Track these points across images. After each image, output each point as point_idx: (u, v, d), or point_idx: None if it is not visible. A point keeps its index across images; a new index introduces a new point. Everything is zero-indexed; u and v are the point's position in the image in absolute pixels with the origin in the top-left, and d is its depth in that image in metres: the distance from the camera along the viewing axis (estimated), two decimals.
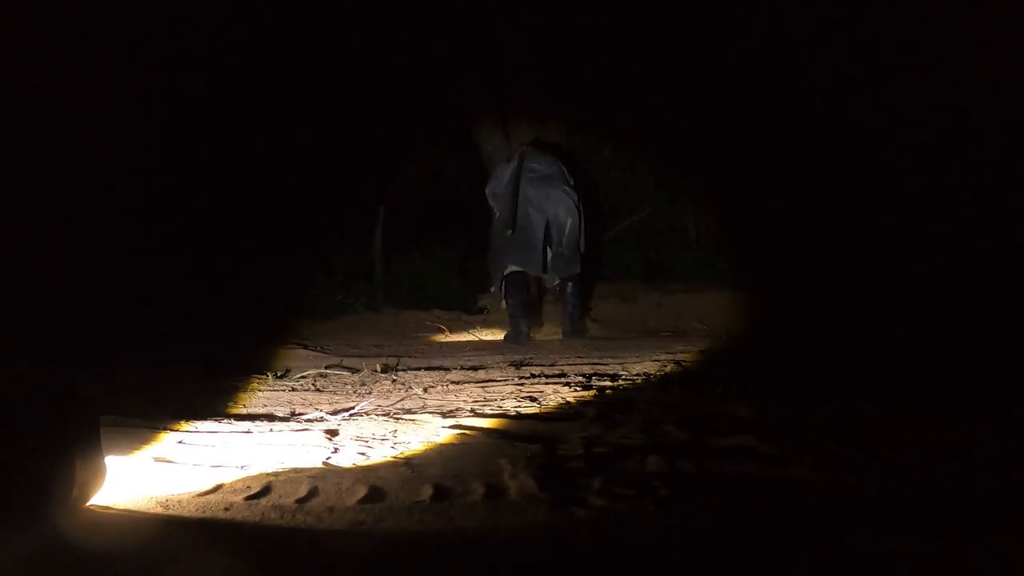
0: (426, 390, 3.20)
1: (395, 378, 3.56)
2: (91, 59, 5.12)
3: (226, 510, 1.65)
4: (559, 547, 1.47)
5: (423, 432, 2.37)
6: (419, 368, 3.87)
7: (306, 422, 2.59)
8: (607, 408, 2.66)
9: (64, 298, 4.71)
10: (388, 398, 3.06)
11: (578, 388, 3.10)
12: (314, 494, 1.75)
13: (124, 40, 5.37)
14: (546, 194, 5.26)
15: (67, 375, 3.41)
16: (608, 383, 3.23)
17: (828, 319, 4.60)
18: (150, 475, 1.90)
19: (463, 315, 6.48)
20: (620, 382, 3.27)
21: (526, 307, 5.32)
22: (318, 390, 3.34)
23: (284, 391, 3.30)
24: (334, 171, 7.11)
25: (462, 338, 5.76)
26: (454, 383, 3.35)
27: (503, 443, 2.19)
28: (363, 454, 2.12)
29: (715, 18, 5.96)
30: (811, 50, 5.32)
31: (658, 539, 1.48)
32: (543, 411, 2.69)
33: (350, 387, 3.39)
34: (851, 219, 5.24)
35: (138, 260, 5.41)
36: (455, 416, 2.60)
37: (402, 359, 4.21)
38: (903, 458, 1.93)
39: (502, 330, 5.60)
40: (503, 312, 5.64)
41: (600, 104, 7.10)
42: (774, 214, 6.02)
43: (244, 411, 2.89)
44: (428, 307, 6.57)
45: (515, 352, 4.54)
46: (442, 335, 5.86)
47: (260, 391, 3.31)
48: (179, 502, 1.70)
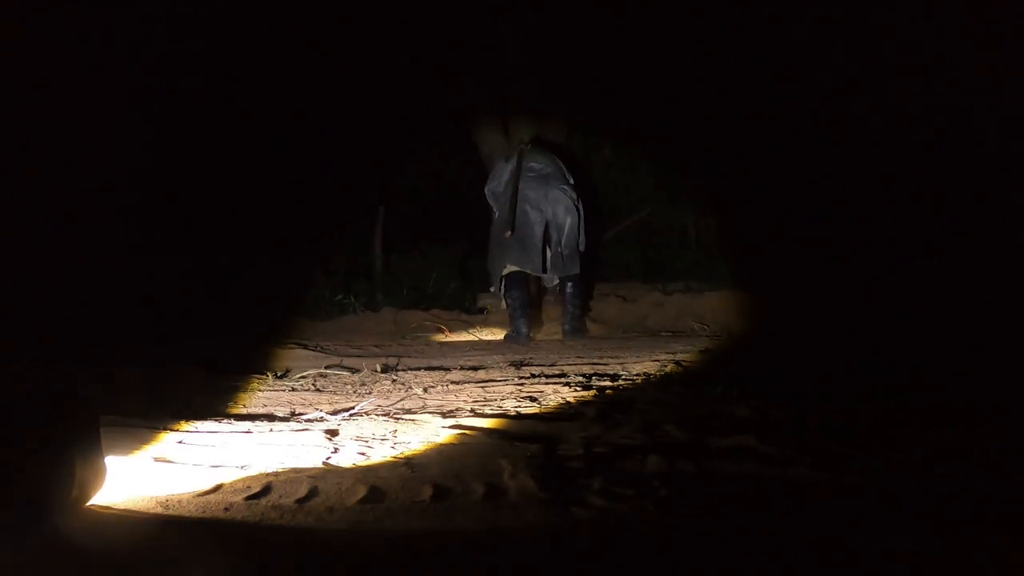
0: (426, 390, 3.20)
1: (395, 378, 3.56)
2: (91, 59, 5.11)
3: (226, 510, 1.65)
4: (559, 547, 1.47)
5: (423, 432, 2.37)
6: (419, 368, 3.87)
7: (306, 422, 2.59)
8: (607, 408, 2.66)
9: (64, 298, 4.70)
10: (388, 398, 3.06)
11: (578, 388, 3.10)
12: (314, 494, 1.75)
13: (124, 40, 5.36)
14: (545, 194, 5.26)
15: (67, 375, 3.40)
16: (608, 383, 3.24)
17: (828, 319, 4.60)
18: (150, 475, 1.90)
19: (463, 315, 6.48)
20: (620, 382, 3.27)
21: (526, 307, 5.32)
22: (318, 390, 3.34)
23: (284, 391, 3.30)
24: (334, 171, 7.10)
25: (462, 338, 5.76)
26: (454, 383, 3.35)
27: (503, 443, 2.19)
28: (363, 454, 2.12)
29: (715, 18, 5.95)
30: (811, 50, 5.31)
31: (658, 539, 1.48)
32: (543, 411, 2.69)
33: (350, 387, 3.39)
34: (851, 219, 5.24)
35: (138, 260, 5.40)
36: (455, 416, 2.60)
37: (402, 359, 4.21)
38: (903, 458, 1.93)
39: (502, 330, 5.60)
40: (503, 312, 5.64)
41: (600, 104, 7.10)
42: (774, 214, 6.01)
43: (244, 411, 2.89)
44: (428, 307, 6.56)
45: (515, 352, 4.54)
46: (442, 335, 5.85)
47: (260, 391, 3.31)
48: (179, 502, 1.70)
